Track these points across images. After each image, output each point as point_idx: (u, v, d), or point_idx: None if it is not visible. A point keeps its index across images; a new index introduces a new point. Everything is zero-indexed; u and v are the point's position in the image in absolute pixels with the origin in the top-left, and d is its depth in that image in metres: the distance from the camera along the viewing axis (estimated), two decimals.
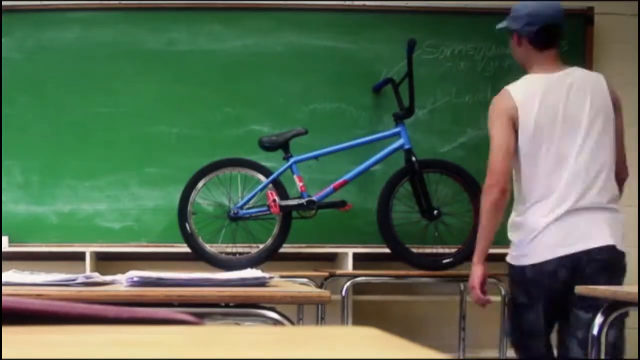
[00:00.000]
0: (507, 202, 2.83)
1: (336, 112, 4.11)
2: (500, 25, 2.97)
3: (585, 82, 2.74)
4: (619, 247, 2.78)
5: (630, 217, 4.24)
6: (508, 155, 2.72)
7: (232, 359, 0.55)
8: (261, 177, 3.74)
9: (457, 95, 4.14)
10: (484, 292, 2.94)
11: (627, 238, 4.22)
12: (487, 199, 2.79)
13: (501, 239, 4.17)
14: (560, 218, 2.73)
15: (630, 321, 3.64)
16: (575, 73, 2.76)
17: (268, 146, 3.73)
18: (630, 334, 3.95)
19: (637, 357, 3.86)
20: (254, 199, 3.73)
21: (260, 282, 1.89)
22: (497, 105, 2.79)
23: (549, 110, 2.71)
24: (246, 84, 4.09)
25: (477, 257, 2.93)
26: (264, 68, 4.10)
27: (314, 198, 3.70)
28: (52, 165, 4.04)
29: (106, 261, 4.07)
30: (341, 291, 3.70)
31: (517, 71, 4.15)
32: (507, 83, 4.19)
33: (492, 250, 4.10)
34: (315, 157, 3.79)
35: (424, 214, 3.79)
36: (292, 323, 1.81)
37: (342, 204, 3.73)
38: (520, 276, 2.83)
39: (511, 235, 2.93)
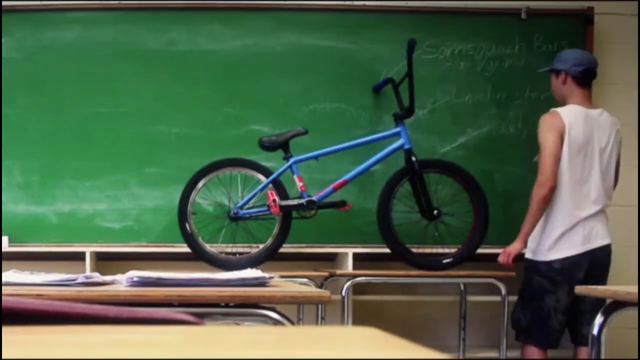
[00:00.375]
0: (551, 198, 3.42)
1: (336, 112, 4.11)
2: (546, 69, 3.59)
3: (609, 121, 3.53)
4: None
5: (631, 217, 4.24)
6: (557, 161, 3.42)
7: (232, 359, 0.55)
8: (261, 177, 3.74)
9: (457, 95, 4.14)
10: (511, 263, 3.53)
11: (627, 238, 4.24)
12: (540, 192, 3.40)
13: (499, 239, 4.18)
14: (584, 220, 3.43)
15: (631, 321, 3.64)
16: (604, 113, 3.53)
17: (268, 146, 3.73)
18: (630, 334, 3.95)
19: (637, 357, 3.86)
20: (254, 199, 3.73)
21: (260, 282, 1.89)
22: (550, 121, 3.44)
23: (587, 134, 3.45)
24: (246, 84, 4.09)
25: (522, 237, 3.48)
26: (264, 68, 4.10)
27: (314, 198, 3.70)
28: (52, 165, 4.04)
29: (106, 261, 4.07)
30: (341, 291, 3.70)
31: (518, 71, 4.17)
32: (507, 83, 4.21)
33: (491, 251, 4.11)
34: (315, 157, 3.79)
35: (424, 214, 3.78)
36: (292, 323, 1.81)
37: (342, 204, 3.73)
38: (547, 268, 3.43)
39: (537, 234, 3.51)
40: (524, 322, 3.51)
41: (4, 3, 4.00)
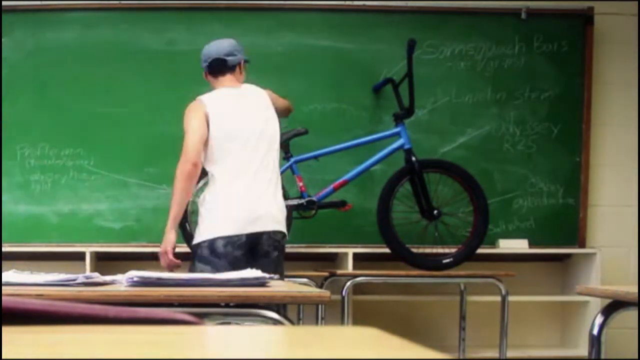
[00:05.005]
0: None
1: (336, 112, 4.11)
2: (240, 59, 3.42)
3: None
4: None
5: (631, 217, 4.24)
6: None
7: (232, 359, 0.55)
8: None
9: (457, 95, 4.14)
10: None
11: (627, 238, 4.24)
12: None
13: (499, 239, 4.18)
14: None
15: (631, 321, 3.64)
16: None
17: None
18: (630, 334, 3.95)
19: (637, 357, 3.86)
20: None
21: (260, 282, 1.89)
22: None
23: None
24: (246, 83, 4.08)
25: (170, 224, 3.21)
26: (264, 68, 4.10)
27: (314, 198, 3.70)
28: (52, 166, 4.04)
29: (106, 261, 4.07)
30: (341, 291, 3.70)
31: (517, 71, 4.17)
32: (507, 83, 4.21)
33: (492, 250, 4.11)
34: (316, 157, 3.79)
35: (424, 214, 3.78)
36: (292, 323, 1.81)
37: (342, 204, 3.73)
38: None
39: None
40: None
41: (4, 3, 4.00)
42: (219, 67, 3.38)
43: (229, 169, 3.18)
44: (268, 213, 3.15)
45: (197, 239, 3.19)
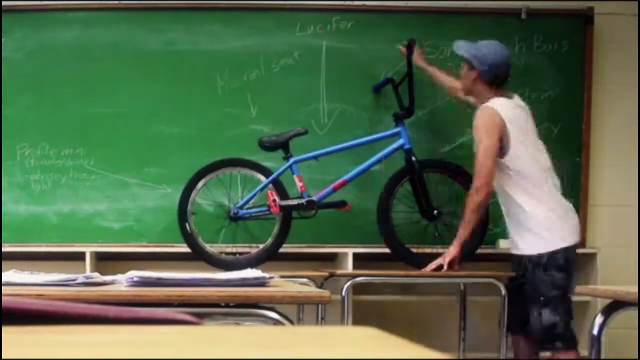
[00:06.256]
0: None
1: (336, 112, 4.11)
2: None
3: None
4: None
5: (631, 217, 4.24)
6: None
7: (232, 359, 0.55)
8: (261, 177, 3.74)
9: None
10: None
11: (627, 238, 4.24)
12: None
13: (499, 239, 4.17)
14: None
15: (631, 321, 3.64)
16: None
17: (268, 146, 3.73)
18: (630, 334, 3.95)
19: (637, 357, 3.86)
20: (254, 199, 3.73)
21: (260, 282, 1.89)
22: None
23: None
24: (246, 83, 4.09)
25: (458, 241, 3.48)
26: (263, 68, 4.10)
27: (314, 198, 3.70)
28: (52, 166, 4.04)
29: (106, 261, 4.07)
30: (341, 291, 3.70)
31: (517, 71, 4.16)
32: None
33: (491, 251, 4.11)
34: (315, 157, 3.79)
35: (424, 214, 3.78)
36: (292, 323, 1.81)
37: (342, 204, 3.73)
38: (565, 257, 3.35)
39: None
40: (562, 326, 3.29)
41: (4, 3, 4.00)
42: (505, 80, 3.46)
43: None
44: None
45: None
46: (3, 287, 1.73)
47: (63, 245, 3.98)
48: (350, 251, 3.97)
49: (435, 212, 3.77)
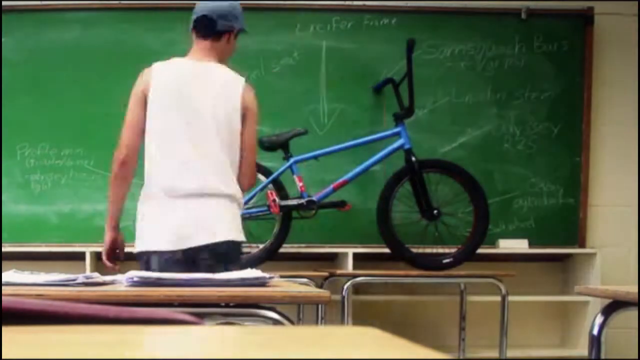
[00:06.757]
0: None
1: (336, 112, 4.11)
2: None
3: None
4: None
5: (630, 217, 4.24)
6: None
7: (232, 359, 0.55)
8: (261, 177, 3.74)
9: (457, 95, 4.14)
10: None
11: (627, 238, 4.24)
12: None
13: (499, 239, 4.18)
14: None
15: (631, 321, 3.65)
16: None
17: (268, 146, 3.73)
18: (630, 334, 3.95)
19: (637, 357, 3.86)
20: (254, 199, 3.73)
21: (260, 282, 1.88)
22: None
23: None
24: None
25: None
26: (263, 68, 4.10)
27: (314, 198, 3.70)
28: (52, 166, 4.04)
29: None
30: (341, 291, 3.70)
31: (517, 71, 4.17)
32: (507, 83, 4.20)
33: (492, 250, 4.11)
34: (315, 157, 3.79)
35: (424, 214, 3.78)
36: (292, 323, 1.81)
37: (342, 204, 3.73)
38: None
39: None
40: None
41: (4, 3, 4.00)
42: (204, 28, 2.85)
43: None
44: None
45: None
46: (3, 287, 1.73)
47: (63, 245, 3.98)
48: (350, 251, 3.97)
49: (435, 212, 3.77)
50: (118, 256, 2.88)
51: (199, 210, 2.71)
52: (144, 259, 2.75)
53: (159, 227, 2.76)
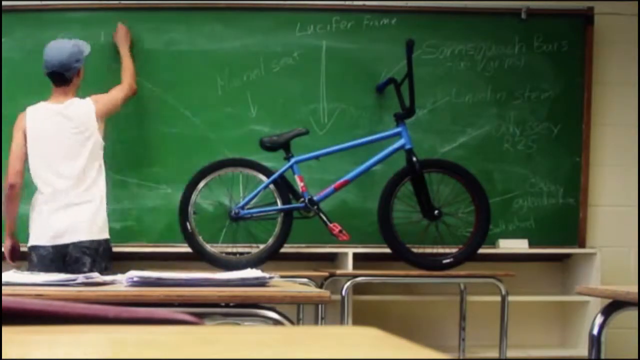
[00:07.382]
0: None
1: (336, 112, 4.11)
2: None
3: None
4: None
5: (630, 217, 4.24)
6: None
7: (232, 359, 0.55)
8: (262, 177, 3.74)
9: (457, 95, 4.14)
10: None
11: (627, 238, 4.24)
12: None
13: (499, 239, 4.18)
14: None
15: (631, 321, 3.65)
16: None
17: (269, 146, 3.73)
18: (630, 334, 3.95)
19: (637, 357, 3.86)
20: (255, 199, 3.73)
21: (260, 282, 1.89)
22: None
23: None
24: (246, 83, 4.09)
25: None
26: (264, 68, 4.10)
27: (315, 198, 3.71)
28: None
29: None
30: (341, 291, 3.70)
31: (517, 71, 4.17)
32: (507, 83, 4.21)
33: (492, 250, 4.11)
34: (316, 157, 3.78)
35: (425, 214, 3.78)
36: (292, 323, 1.81)
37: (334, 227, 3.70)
38: None
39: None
40: None
41: (4, 3, 4.00)
42: (57, 81, 3.52)
43: None
44: None
45: None
46: (3, 287, 1.73)
47: None
48: (350, 251, 3.97)
49: (436, 212, 3.76)
50: (18, 256, 3.62)
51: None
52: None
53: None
